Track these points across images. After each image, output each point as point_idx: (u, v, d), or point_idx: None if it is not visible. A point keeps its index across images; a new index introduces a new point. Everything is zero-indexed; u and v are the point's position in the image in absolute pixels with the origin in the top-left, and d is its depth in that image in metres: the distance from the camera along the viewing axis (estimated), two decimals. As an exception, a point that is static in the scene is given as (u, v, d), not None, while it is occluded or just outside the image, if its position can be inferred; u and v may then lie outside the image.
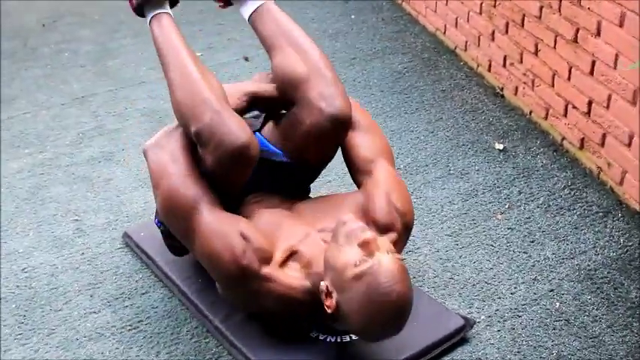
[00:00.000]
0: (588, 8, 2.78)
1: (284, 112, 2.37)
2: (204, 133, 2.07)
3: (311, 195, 2.52)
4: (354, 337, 2.19)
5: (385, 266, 1.87)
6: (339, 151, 2.35)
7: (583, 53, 2.88)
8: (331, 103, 2.18)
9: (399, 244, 2.17)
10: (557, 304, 2.37)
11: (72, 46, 4.11)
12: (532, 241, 2.62)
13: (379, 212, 2.16)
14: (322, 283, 1.97)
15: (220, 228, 2.06)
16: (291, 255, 2.09)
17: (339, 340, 2.20)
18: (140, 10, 2.32)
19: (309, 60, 2.26)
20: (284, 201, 2.33)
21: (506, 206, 2.80)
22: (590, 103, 2.89)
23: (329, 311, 1.97)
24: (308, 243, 2.11)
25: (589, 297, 2.39)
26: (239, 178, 2.16)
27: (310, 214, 2.22)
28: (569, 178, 2.93)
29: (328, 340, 2.20)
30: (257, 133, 2.33)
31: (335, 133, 2.21)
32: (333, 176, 2.92)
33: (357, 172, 2.30)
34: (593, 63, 2.83)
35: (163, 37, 2.26)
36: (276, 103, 2.38)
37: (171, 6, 2.34)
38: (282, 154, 2.32)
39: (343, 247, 1.93)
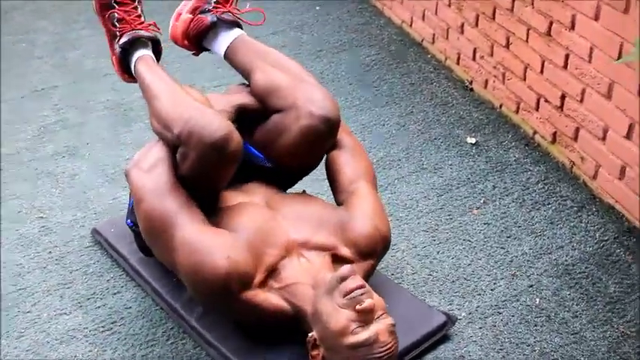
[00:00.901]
0: (563, 1, 2.77)
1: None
2: (184, 131, 2.01)
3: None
4: None
5: (381, 337, 1.87)
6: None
7: (557, 47, 2.87)
8: (321, 105, 2.17)
9: (375, 266, 2.20)
10: (537, 299, 2.37)
11: (29, 37, 3.98)
12: (509, 237, 2.61)
13: (364, 238, 2.14)
14: (310, 334, 1.97)
15: (202, 245, 2.00)
16: (272, 272, 2.06)
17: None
18: (125, 55, 2.32)
19: (289, 71, 2.30)
20: (262, 189, 2.30)
21: (482, 201, 2.78)
22: (563, 97, 2.89)
23: None
24: (289, 266, 2.07)
25: (568, 292, 2.39)
26: (223, 174, 2.10)
27: (293, 219, 2.17)
28: (543, 172, 2.92)
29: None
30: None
31: (327, 134, 2.20)
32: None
33: (340, 191, 2.29)
34: (567, 56, 2.83)
35: (150, 72, 2.27)
36: (260, 115, 2.34)
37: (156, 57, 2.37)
38: (263, 158, 2.29)
39: (340, 307, 1.89)
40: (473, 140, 3.11)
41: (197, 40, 2.44)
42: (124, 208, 2.75)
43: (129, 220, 2.37)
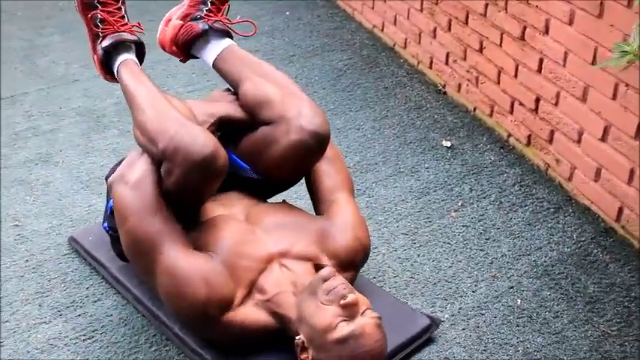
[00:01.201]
0: (536, 6, 2.81)
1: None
2: (169, 148, 1.99)
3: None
4: None
5: (367, 332, 1.88)
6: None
7: (531, 51, 2.90)
8: (311, 120, 2.16)
9: (355, 277, 2.21)
10: (519, 300, 2.39)
11: (-4, 43, 3.94)
12: (488, 239, 2.63)
13: (345, 250, 2.16)
14: (297, 338, 1.97)
15: (183, 271, 2.00)
16: (253, 287, 2.06)
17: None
18: (107, 58, 2.29)
19: (279, 84, 2.29)
20: (241, 200, 2.29)
21: (459, 204, 2.80)
22: (537, 100, 2.93)
23: None
24: (270, 277, 2.07)
25: (548, 293, 2.42)
26: (208, 189, 2.09)
27: (272, 230, 2.17)
28: (518, 174, 2.96)
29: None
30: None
31: (317, 149, 2.19)
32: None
33: (320, 200, 2.30)
34: (541, 60, 2.86)
35: (133, 79, 2.24)
36: (243, 126, 2.32)
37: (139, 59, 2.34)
38: (250, 169, 2.29)
39: (323, 305, 1.91)
40: (448, 143, 3.13)
41: (186, 47, 2.42)
42: (101, 215, 2.72)
43: (105, 224, 2.34)
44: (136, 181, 2.10)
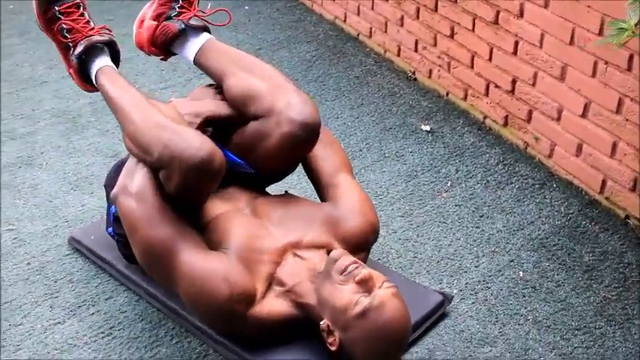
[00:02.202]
0: (511, -9, 2.91)
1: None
2: (165, 156, 1.99)
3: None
4: None
5: (386, 301, 1.91)
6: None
7: (505, 34, 3.01)
8: (301, 111, 2.15)
9: (367, 258, 2.25)
10: (521, 273, 2.49)
11: (-46, 48, 3.85)
12: (481, 216, 2.73)
13: (355, 233, 2.19)
14: (322, 322, 1.99)
15: (202, 272, 2.01)
16: (272, 280, 2.08)
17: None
18: (83, 66, 2.29)
19: (265, 76, 2.25)
20: (245, 195, 2.31)
21: (448, 184, 2.89)
22: (514, 82, 3.03)
23: (332, 349, 1.99)
24: (287, 268, 2.09)
25: (547, 264, 2.52)
26: (208, 190, 2.10)
27: (280, 223, 2.19)
28: (500, 154, 3.06)
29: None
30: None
31: (310, 139, 2.19)
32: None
33: (323, 185, 2.31)
34: (517, 43, 2.97)
35: (112, 84, 2.23)
36: (231, 122, 2.31)
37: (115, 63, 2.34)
38: (244, 164, 2.29)
39: (340, 285, 1.95)
40: (428, 127, 3.22)
41: (164, 47, 2.41)
42: (96, 214, 2.72)
43: (110, 230, 2.33)
44: (139, 190, 2.09)
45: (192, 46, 2.38)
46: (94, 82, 2.30)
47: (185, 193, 2.05)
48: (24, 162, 3.00)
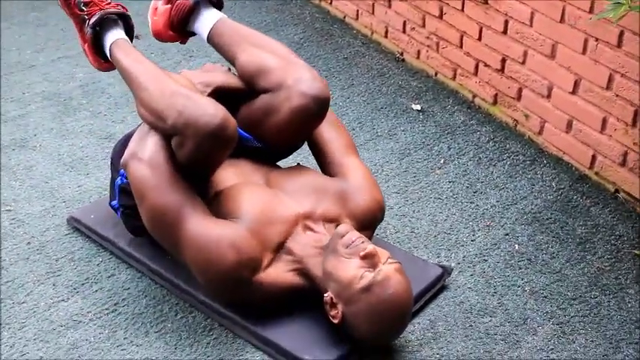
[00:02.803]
0: (501, -28, 2.96)
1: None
2: (179, 122, 2.03)
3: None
4: None
5: (390, 276, 1.97)
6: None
7: (495, 14, 3.05)
8: (311, 85, 2.21)
9: (372, 235, 2.30)
10: (516, 246, 2.54)
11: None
12: (475, 192, 2.78)
13: (364, 210, 2.25)
14: (326, 295, 2.03)
15: (209, 238, 2.05)
16: (281, 249, 2.12)
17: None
18: (97, 39, 2.31)
19: (275, 52, 2.32)
20: (258, 168, 2.34)
21: (441, 161, 2.94)
22: (503, 60, 3.08)
23: (335, 321, 2.03)
24: (297, 239, 2.14)
25: (541, 237, 2.58)
26: (220, 158, 2.13)
27: (294, 193, 2.23)
28: (490, 131, 3.11)
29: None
30: None
31: (319, 113, 2.24)
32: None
33: (329, 163, 2.37)
34: (507, 22, 3.01)
35: (127, 56, 2.27)
36: (241, 95, 2.36)
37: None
38: (252, 138, 2.33)
39: (345, 259, 2.00)
40: (418, 107, 3.26)
41: (181, 26, 2.44)
42: (93, 195, 2.73)
43: (115, 202, 2.36)
44: (150, 156, 2.13)
45: (206, 22, 2.41)
46: (108, 55, 2.32)
47: (197, 160, 2.08)
48: (17, 144, 3.00)
